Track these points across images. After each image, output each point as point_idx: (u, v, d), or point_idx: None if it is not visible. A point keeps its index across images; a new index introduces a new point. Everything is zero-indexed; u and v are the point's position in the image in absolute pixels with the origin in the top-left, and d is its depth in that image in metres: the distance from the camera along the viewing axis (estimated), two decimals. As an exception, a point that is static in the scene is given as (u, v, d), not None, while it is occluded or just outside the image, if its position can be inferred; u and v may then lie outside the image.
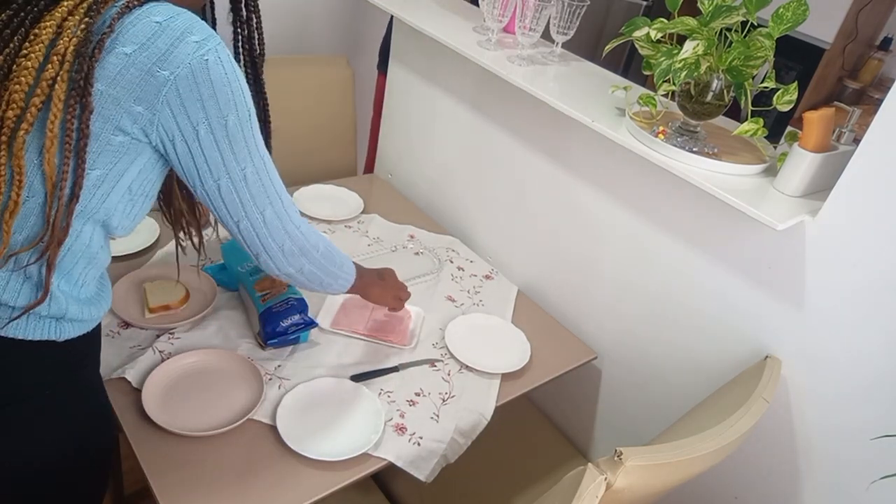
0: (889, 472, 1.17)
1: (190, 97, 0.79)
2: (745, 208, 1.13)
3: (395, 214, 1.87)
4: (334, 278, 1.10)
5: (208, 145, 0.83)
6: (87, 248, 0.87)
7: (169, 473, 1.05)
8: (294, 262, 0.99)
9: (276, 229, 0.94)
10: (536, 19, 1.49)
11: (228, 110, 0.82)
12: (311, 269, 1.03)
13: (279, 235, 0.95)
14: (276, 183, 0.93)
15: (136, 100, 0.78)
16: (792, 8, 1.15)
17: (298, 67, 2.00)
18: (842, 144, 1.20)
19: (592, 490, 0.81)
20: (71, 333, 0.89)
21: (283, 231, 0.95)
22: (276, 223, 0.94)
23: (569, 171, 1.57)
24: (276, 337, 1.29)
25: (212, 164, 0.85)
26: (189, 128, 0.81)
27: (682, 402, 1.42)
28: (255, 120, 0.87)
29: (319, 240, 1.04)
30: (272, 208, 0.93)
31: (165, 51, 0.77)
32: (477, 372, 1.37)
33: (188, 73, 0.77)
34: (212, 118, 0.81)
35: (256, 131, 0.88)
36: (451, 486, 1.40)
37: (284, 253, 0.97)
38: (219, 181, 0.86)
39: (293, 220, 0.97)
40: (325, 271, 1.06)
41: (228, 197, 0.88)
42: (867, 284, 1.14)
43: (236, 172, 0.87)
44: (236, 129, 0.84)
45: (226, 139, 0.84)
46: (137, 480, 1.16)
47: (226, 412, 1.15)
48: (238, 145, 0.85)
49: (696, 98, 1.24)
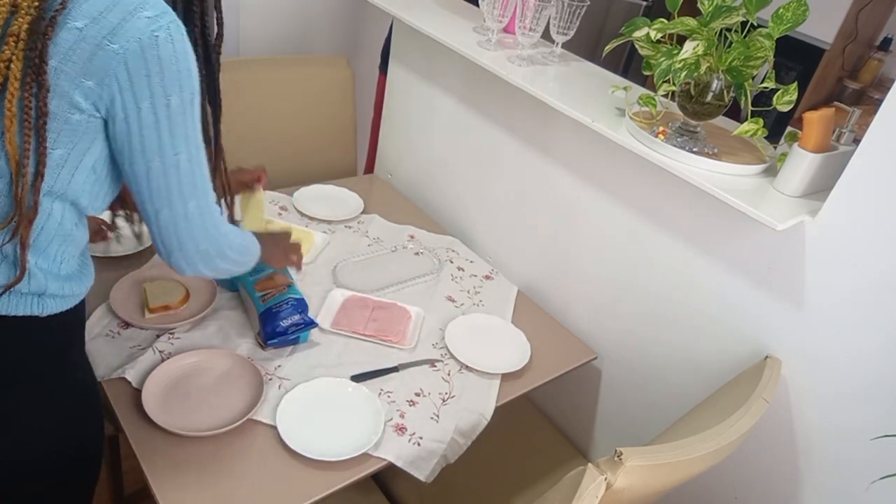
0: (889, 472, 1.17)
1: (137, 74, 0.78)
2: (745, 208, 1.13)
3: (395, 214, 1.87)
4: (243, 267, 1.07)
5: (147, 124, 0.81)
6: (60, 227, 0.87)
7: (169, 473, 1.05)
8: (209, 263, 0.95)
9: (197, 226, 0.90)
10: (536, 19, 1.49)
11: (172, 90, 0.80)
12: (226, 267, 1.00)
13: (198, 233, 0.91)
14: (205, 178, 0.90)
15: (86, 74, 0.77)
16: (792, 8, 1.15)
17: (298, 67, 2.00)
18: (842, 144, 1.20)
19: (592, 490, 0.81)
20: (53, 309, 0.90)
21: (203, 229, 0.91)
22: (198, 219, 0.90)
23: (569, 172, 1.57)
24: (277, 337, 1.29)
25: (147, 144, 0.82)
26: (132, 105, 0.79)
27: (682, 402, 1.42)
28: (198, 106, 0.85)
29: (236, 237, 1.00)
30: (197, 202, 0.89)
31: (116, 25, 0.76)
32: (477, 372, 1.37)
33: (137, 49, 0.77)
34: (155, 97, 0.79)
35: (197, 119, 0.86)
36: (451, 486, 1.40)
37: (199, 252, 0.93)
38: (150, 163, 0.83)
39: (215, 218, 0.93)
40: (236, 265, 1.03)
41: (156, 182, 0.85)
42: (867, 284, 1.14)
43: (170, 157, 0.84)
44: (178, 111, 0.82)
45: (166, 120, 0.81)
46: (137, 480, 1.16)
47: (226, 412, 1.15)
48: (177, 129, 0.83)
49: (696, 98, 1.24)
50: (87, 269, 0.96)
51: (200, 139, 0.87)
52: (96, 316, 1.28)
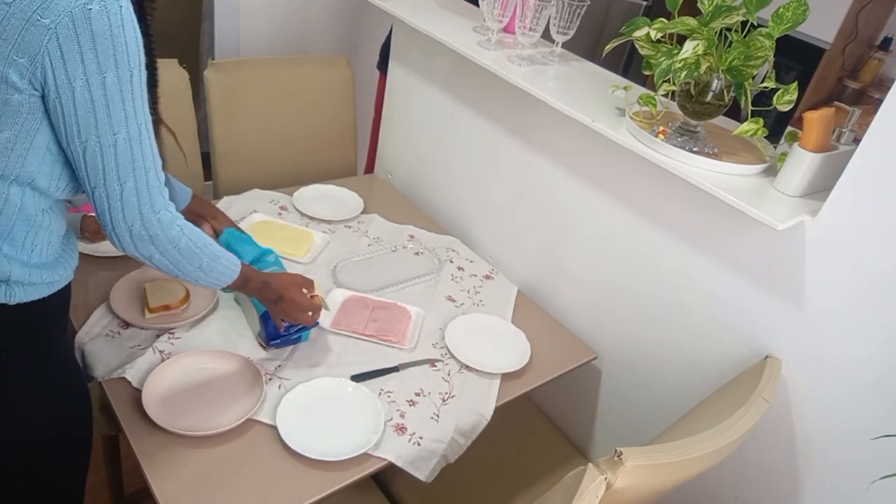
0: (889, 472, 1.17)
1: (70, 50, 0.74)
2: (745, 208, 1.13)
3: (395, 214, 1.87)
4: (194, 277, 1.00)
5: (82, 104, 0.77)
6: (22, 212, 0.85)
7: (169, 473, 1.05)
8: (142, 248, 0.90)
9: (131, 207, 0.86)
10: (536, 19, 1.49)
11: (107, 67, 0.76)
12: (162, 259, 0.93)
13: (131, 215, 0.86)
14: (148, 157, 0.85)
15: (18, 51, 0.74)
16: (792, 8, 1.15)
17: (298, 67, 2.00)
18: (842, 144, 1.20)
19: (592, 490, 0.81)
20: (22, 297, 0.88)
21: (138, 212, 0.87)
22: (133, 200, 0.85)
23: (568, 171, 1.57)
24: (279, 337, 1.29)
25: (83, 124, 0.79)
26: (65, 83, 0.76)
27: (682, 402, 1.43)
28: (139, 82, 0.81)
29: (182, 237, 0.93)
30: (134, 183, 0.84)
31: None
32: (477, 372, 1.37)
33: (69, 24, 0.73)
34: (90, 74, 0.76)
35: (139, 95, 0.81)
36: (451, 486, 1.41)
37: (133, 235, 0.88)
38: (86, 143, 0.80)
39: (154, 203, 0.88)
40: (179, 268, 0.96)
41: (91, 161, 0.82)
42: (867, 284, 1.14)
43: (107, 137, 0.80)
44: (114, 88, 0.78)
45: (102, 99, 0.78)
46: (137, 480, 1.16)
47: (226, 412, 1.15)
48: (115, 107, 0.79)
49: (696, 98, 1.24)
50: (66, 259, 0.94)
51: (144, 117, 0.83)
52: (96, 316, 1.28)
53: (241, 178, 1.91)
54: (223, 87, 1.86)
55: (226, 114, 1.89)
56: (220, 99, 1.86)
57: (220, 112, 1.87)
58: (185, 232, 0.93)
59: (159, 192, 0.88)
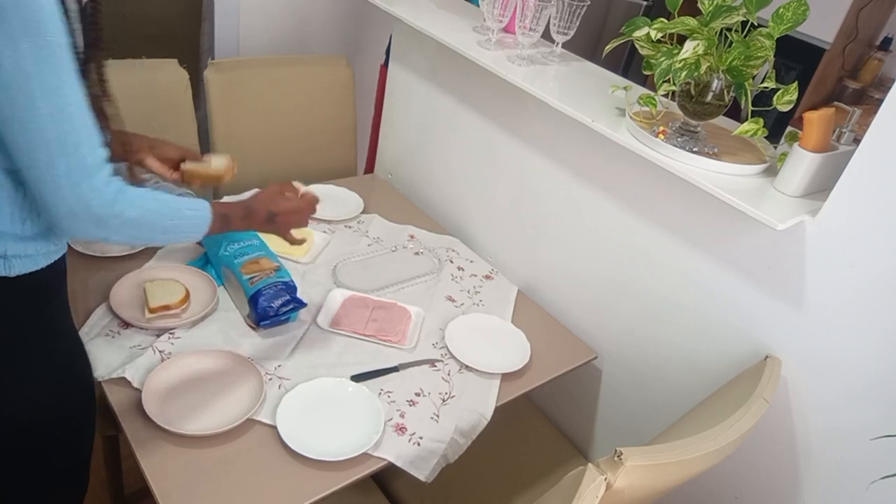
0: (889, 472, 1.17)
1: None
2: (745, 208, 1.13)
3: (395, 214, 1.87)
4: (163, 240, 0.97)
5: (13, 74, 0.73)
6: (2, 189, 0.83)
7: (169, 473, 1.05)
8: (90, 229, 0.85)
9: (65, 188, 0.80)
10: (536, 19, 1.49)
11: (20, 38, 0.72)
12: (118, 237, 0.88)
13: (70, 196, 0.81)
14: (79, 133, 0.80)
15: None
16: (792, 8, 1.15)
17: (298, 67, 2.00)
18: (842, 144, 1.20)
19: (592, 490, 0.81)
20: (21, 269, 0.89)
21: (75, 191, 0.81)
22: (66, 181, 0.80)
23: (569, 171, 1.57)
24: (268, 318, 1.31)
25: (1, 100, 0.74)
26: None
27: (682, 402, 1.42)
28: (62, 54, 0.76)
29: (130, 207, 0.87)
30: (66, 161, 0.79)
31: None
32: (477, 372, 1.37)
33: None
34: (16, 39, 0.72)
35: (64, 69, 0.76)
36: (451, 486, 1.41)
37: (75, 217, 0.83)
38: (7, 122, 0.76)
39: (92, 180, 0.82)
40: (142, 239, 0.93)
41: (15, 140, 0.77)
42: (867, 284, 1.14)
43: (26, 113, 0.76)
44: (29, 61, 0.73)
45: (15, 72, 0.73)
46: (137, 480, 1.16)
47: (226, 412, 1.15)
48: (32, 82, 0.74)
49: (696, 98, 1.24)
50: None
51: (72, 87, 0.78)
52: (96, 316, 1.28)
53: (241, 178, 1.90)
54: (223, 87, 1.86)
55: (226, 114, 1.89)
56: (220, 99, 1.86)
57: (220, 112, 1.87)
58: (134, 202, 0.87)
59: (98, 169, 0.83)
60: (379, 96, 2.25)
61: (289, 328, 1.37)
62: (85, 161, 0.81)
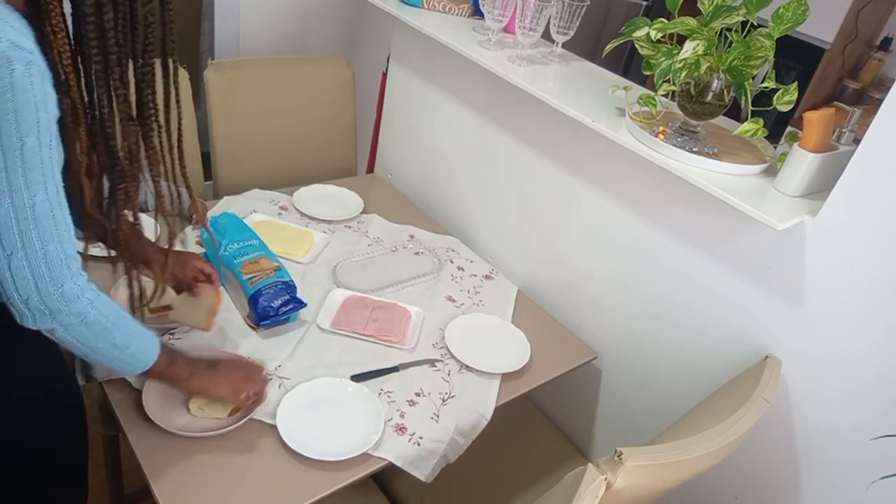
0: (889, 472, 1.17)
1: None
2: (745, 208, 1.13)
3: (395, 214, 1.87)
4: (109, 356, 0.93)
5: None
6: None
7: (169, 473, 1.05)
8: (41, 321, 0.84)
9: (22, 279, 0.80)
10: (536, 19, 1.49)
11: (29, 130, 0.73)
12: (65, 336, 0.86)
13: (24, 288, 0.81)
14: (45, 228, 0.79)
15: None
16: (792, 8, 1.15)
17: (298, 67, 2.00)
18: (842, 144, 1.20)
19: (592, 490, 0.81)
20: None
21: (33, 285, 0.81)
22: (25, 273, 0.80)
23: (569, 171, 1.57)
24: (268, 318, 1.31)
25: None
26: None
27: (682, 402, 1.42)
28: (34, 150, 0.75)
29: (90, 309, 0.87)
30: (24, 254, 0.79)
31: None
32: (477, 372, 1.37)
33: None
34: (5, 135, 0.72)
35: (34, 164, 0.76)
36: (451, 486, 1.40)
37: (30, 308, 0.82)
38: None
39: (53, 275, 0.82)
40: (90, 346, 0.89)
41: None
42: (867, 284, 1.14)
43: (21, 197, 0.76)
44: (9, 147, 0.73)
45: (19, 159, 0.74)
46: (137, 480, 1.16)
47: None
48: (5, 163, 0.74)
49: (696, 98, 1.24)
50: None
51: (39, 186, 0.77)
52: (96, 316, 1.28)
53: (241, 178, 1.91)
54: (223, 87, 1.86)
55: (226, 114, 1.89)
56: (220, 99, 1.86)
57: (220, 112, 1.87)
58: (94, 305, 0.87)
59: (63, 265, 0.82)
60: (380, 102, 2.25)
61: (289, 328, 1.37)
62: (49, 255, 0.81)
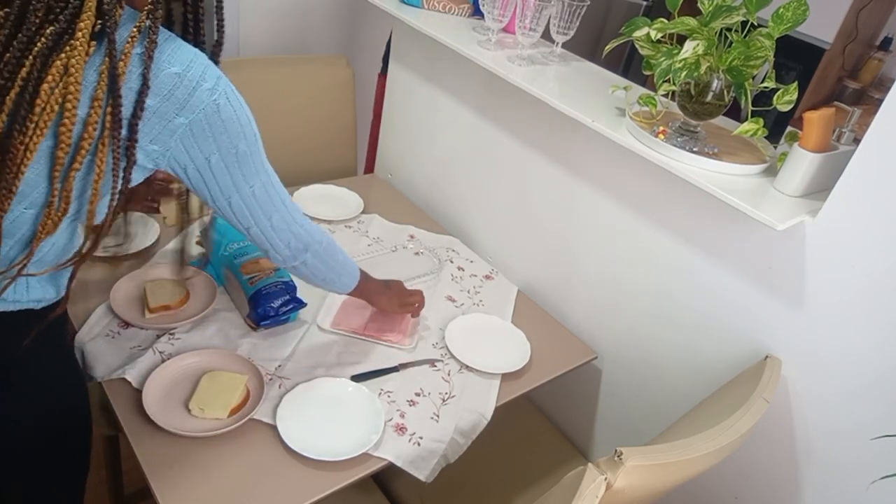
0: (889, 472, 1.17)
1: (202, 136, 0.87)
2: (745, 208, 1.13)
3: (395, 214, 1.87)
4: (336, 274, 1.20)
5: (219, 171, 0.92)
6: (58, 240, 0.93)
7: (169, 473, 1.05)
8: (299, 255, 1.10)
9: (282, 231, 1.05)
10: (536, 19, 1.49)
11: (238, 140, 0.91)
12: (315, 262, 1.12)
13: (285, 236, 1.06)
14: (280, 191, 1.03)
15: (152, 141, 0.85)
16: (792, 8, 1.15)
17: (298, 67, 2.00)
18: (842, 144, 1.20)
19: (592, 490, 0.81)
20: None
21: (289, 232, 1.06)
22: (283, 226, 1.04)
23: (569, 171, 1.57)
24: (268, 318, 1.31)
25: (222, 186, 0.94)
26: (201, 158, 0.89)
27: (682, 402, 1.42)
28: (260, 141, 0.96)
29: (322, 236, 1.13)
30: (278, 214, 1.03)
31: (183, 100, 0.83)
32: (477, 372, 1.37)
33: (202, 118, 0.85)
34: (222, 149, 0.90)
35: (262, 150, 0.97)
36: (451, 486, 1.40)
37: (291, 249, 1.08)
38: (230, 199, 0.96)
39: (297, 220, 1.07)
40: (326, 266, 1.16)
41: (239, 211, 0.98)
42: (867, 284, 1.14)
43: (245, 190, 0.96)
44: (245, 154, 0.93)
45: (235, 164, 0.93)
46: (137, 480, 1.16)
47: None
48: (247, 168, 0.94)
49: (696, 98, 1.24)
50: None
51: (268, 163, 0.99)
52: (96, 316, 1.28)
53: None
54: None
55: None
56: (220, 99, 1.86)
57: (220, 112, 1.87)
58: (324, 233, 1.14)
59: (297, 210, 1.07)
60: (378, 100, 2.24)
61: (289, 328, 1.37)
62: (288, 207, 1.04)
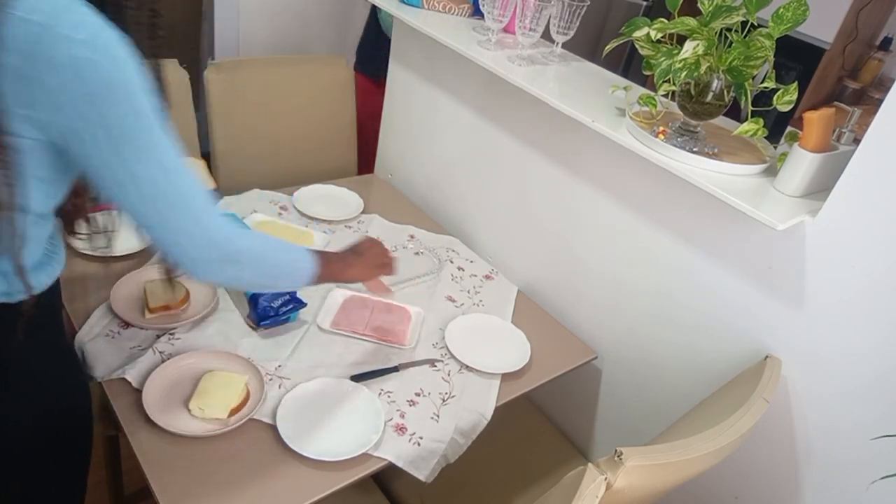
0: (889, 472, 1.17)
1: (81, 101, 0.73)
2: (745, 208, 1.13)
3: (395, 214, 1.87)
4: (281, 279, 1.01)
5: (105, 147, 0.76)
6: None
7: (169, 473, 1.05)
8: (224, 269, 0.90)
9: (193, 235, 0.85)
10: (536, 19, 1.49)
11: (125, 109, 0.75)
12: (250, 276, 0.94)
13: (198, 242, 0.86)
14: (191, 185, 0.84)
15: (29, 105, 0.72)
16: (792, 8, 1.15)
17: (298, 67, 2.00)
18: (842, 144, 1.20)
19: (592, 490, 0.81)
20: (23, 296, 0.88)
21: (203, 238, 0.86)
22: (192, 228, 0.85)
23: (569, 171, 1.57)
24: (268, 318, 1.32)
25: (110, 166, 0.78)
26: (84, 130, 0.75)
27: (682, 402, 1.42)
28: (159, 118, 0.79)
29: (254, 241, 0.94)
30: (185, 211, 0.84)
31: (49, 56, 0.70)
32: (477, 372, 1.37)
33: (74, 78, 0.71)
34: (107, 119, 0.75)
35: (161, 129, 0.80)
36: (451, 486, 1.40)
37: (210, 262, 0.88)
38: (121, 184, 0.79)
39: (215, 225, 0.87)
40: (266, 275, 0.97)
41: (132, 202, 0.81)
42: (867, 284, 1.14)
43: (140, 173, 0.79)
44: (134, 129, 0.77)
45: (123, 139, 0.76)
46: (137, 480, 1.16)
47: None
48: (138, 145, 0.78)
49: (696, 98, 1.24)
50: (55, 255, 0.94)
51: (169, 148, 0.81)
52: (96, 316, 1.28)
53: (241, 178, 1.91)
54: (223, 87, 1.86)
55: (226, 114, 1.89)
56: (220, 99, 1.86)
57: (220, 112, 1.88)
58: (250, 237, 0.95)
59: (213, 214, 0.87)
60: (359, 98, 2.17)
61: (289, 328, 1.37)
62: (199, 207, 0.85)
